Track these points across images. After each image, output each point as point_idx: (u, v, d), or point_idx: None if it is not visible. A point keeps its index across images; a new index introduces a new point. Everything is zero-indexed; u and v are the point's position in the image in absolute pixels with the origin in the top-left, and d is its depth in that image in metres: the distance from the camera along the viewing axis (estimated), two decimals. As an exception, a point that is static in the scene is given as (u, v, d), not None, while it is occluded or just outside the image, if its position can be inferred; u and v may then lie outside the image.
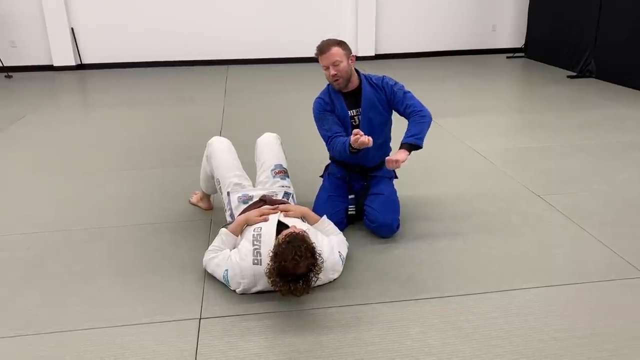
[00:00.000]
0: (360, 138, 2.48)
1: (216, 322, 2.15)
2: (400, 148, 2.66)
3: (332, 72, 2.72)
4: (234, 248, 2.45)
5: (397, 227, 2.83)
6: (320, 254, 2.20)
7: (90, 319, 2.19)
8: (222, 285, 2.38)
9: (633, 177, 3.61)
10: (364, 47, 8.65)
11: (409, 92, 2.85)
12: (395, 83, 2.86)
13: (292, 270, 2.10)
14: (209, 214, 3.17)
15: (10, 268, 2.60)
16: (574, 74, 7.01)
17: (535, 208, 3.16)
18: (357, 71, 2.86)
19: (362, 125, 2.82)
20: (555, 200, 3.25)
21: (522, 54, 8.62)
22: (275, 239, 2.29)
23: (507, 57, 8.65)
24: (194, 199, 3.29)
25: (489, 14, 8.90)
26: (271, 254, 2.17)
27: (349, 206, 2.93)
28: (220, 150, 2.85)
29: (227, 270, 2.31)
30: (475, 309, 2.22)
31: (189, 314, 2.21)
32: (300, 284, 2.15)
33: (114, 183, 3.69)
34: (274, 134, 3.04)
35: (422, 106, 2.80)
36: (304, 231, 2.25)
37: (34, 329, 2.13)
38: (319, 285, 2.35)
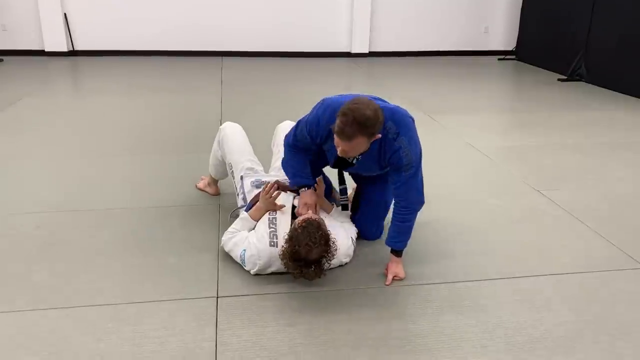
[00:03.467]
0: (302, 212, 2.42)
1: (234, 301, 2.19)
2: (392, 253, 2.42)
3: (343, 154, 2.21)
4: (250, 231, 2.50)
5: (380, 233, 2.74)
6: (334, 242, 2.25)
7: (105, 295, 2.21)
8: (236, 265, 2.42)
9: (624, 175, 3.73)
10: (358, 44, 8.71)
11: (418, 177, 2.33)
12: (408, 166, 2.25)
13: (305, 256, 2.16)
14: (217, 198, 3.20)
15: (23, 245, 2.60)
16: (565, 77, 7.16)
17: (535, 202, 3.25)
18: None
19: (358, 167, 2.49)
20: (553, 195, 3.35)
21: (513, 57, 8.77)
22: (291, 222, 2.34)
23: (499, 59, 8.79)
24: (201, 184, 3.31)
25: (481, 16, 9.03)
26: (286, 236, 2.22)
27: (341, 196, 2.73)
28: (234, 135, 2.88)
29: (244, 250, 2.35)
30: (486, 294, 2.30)
31: (206, 293, 2.24)
32: (312, 269, 2.20)
33: (117, 168, 3.69)
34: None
35: (417, 199, 2.37)
36: (321, 218, 2.30)
37: (49, 303, 2.15)
38: (331, 268, 2.41)
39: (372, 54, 8.82)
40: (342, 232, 2.44)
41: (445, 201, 3.23)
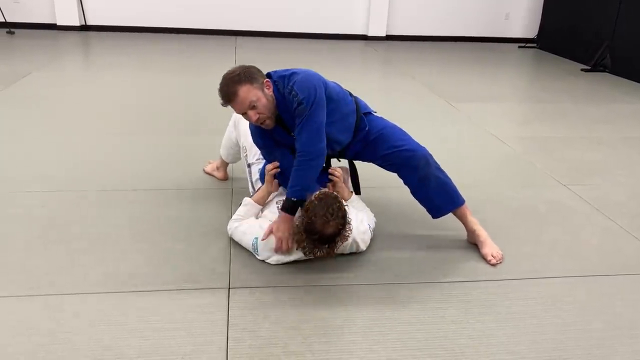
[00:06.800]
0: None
1: (246, 293, 2.07)
2: (283, 206, 2.21)
3: (254, 117, 2.15)
4: (257, 218, 2.38)
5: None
6: (349, 219, 2.14)
7: (112, 282, 2.10)
8: (248, 255, 2.30)
9: (657, 172, 3.57)
10: (375, 27, 8.50)
11: (312, 119, 2.14)
12: (299, 104, 2.13)
13: (320, 228, 2.04)
14: (229, 182, 3.07)
15: (27, 225, 2.50)
16: (588, 67, 6.94)
17: (562, 197, 3.10)
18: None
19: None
20: (581, 190, 3.19)
21: (535, 45, 8.52)
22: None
23: (519, 47, 8.55)
24: (209, 168, 3.19)
25: (502, 1, 8.77)
26: (302, 209, 2.11)
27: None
28: (250, 117, 2.73)
29: (256, 238, 2.23)
30: (511, 294, 2.16)
31: (217, 283, 2.12)
32: (326, 246, 2.09)
33: (125, 147, 3.57)
34: None
35: (311, 142, 2.15)
36: (338, 193, 2.19)
37: (51, 289, 2.04)
38: (349, 259, 2.29)
39: (389, 38, 8.62)
40: (360, 216, 2.34)
41: (467, 193, 3.07)
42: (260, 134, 2.37)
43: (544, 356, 1.83)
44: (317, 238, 2.07)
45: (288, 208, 2.19)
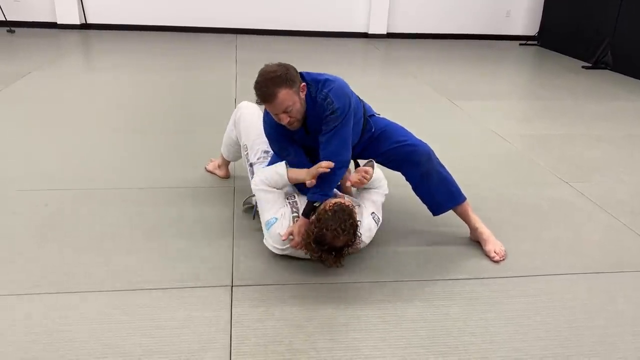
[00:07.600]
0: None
1: (249, 291, 2.08)
2: (304, 212, 2.20)
3: (285, 120, 2.14)
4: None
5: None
6: (360, 234, 2.15)
7: (114, 280, 2.11)
8: (252, 252, 2.31)
9: (658, 169, 3.56)
10: (375, 25, 8.50)
11: (344, 129, 2.19)
12: (333, 112, 2.15)
13: (330, 241, 2.05)
14: (231, 180, 3.07)
15: (31, 224, 2.50)
16: (589, 64, 6.93)
17: (563, 194, 3.10)
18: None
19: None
20: (583, 187, 3.19)
21: (536, 42, 8.51)
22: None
23: (520, 45, 8.55)
24: (210, 166, 3.19)
25: (504, -1, 8.77)
26: (314, 217, 2.10)
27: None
28: (251, 115, 2.73)
29: (276, 219, 2.21)
30: (514, 291, 2.17)
31: (220, 281, 2.12)
32: (333, 255, 2.10)
33: (126, 146, 3.57)
34: None
35: (339, 151, 2.19)
36: (353, 205, 2.17)
37: (54, 287, 2.04)
38: (353, 257, 2.29)
39: (389, 35, 8.61)
40: (370, 207, 2.34)
41: (469, 191, 3.07)
42: (275, 127, 2.29)
43: (547, 353, 1.83)
44: (326, 249, 2.08)
45: (308, 213, 2.18)
